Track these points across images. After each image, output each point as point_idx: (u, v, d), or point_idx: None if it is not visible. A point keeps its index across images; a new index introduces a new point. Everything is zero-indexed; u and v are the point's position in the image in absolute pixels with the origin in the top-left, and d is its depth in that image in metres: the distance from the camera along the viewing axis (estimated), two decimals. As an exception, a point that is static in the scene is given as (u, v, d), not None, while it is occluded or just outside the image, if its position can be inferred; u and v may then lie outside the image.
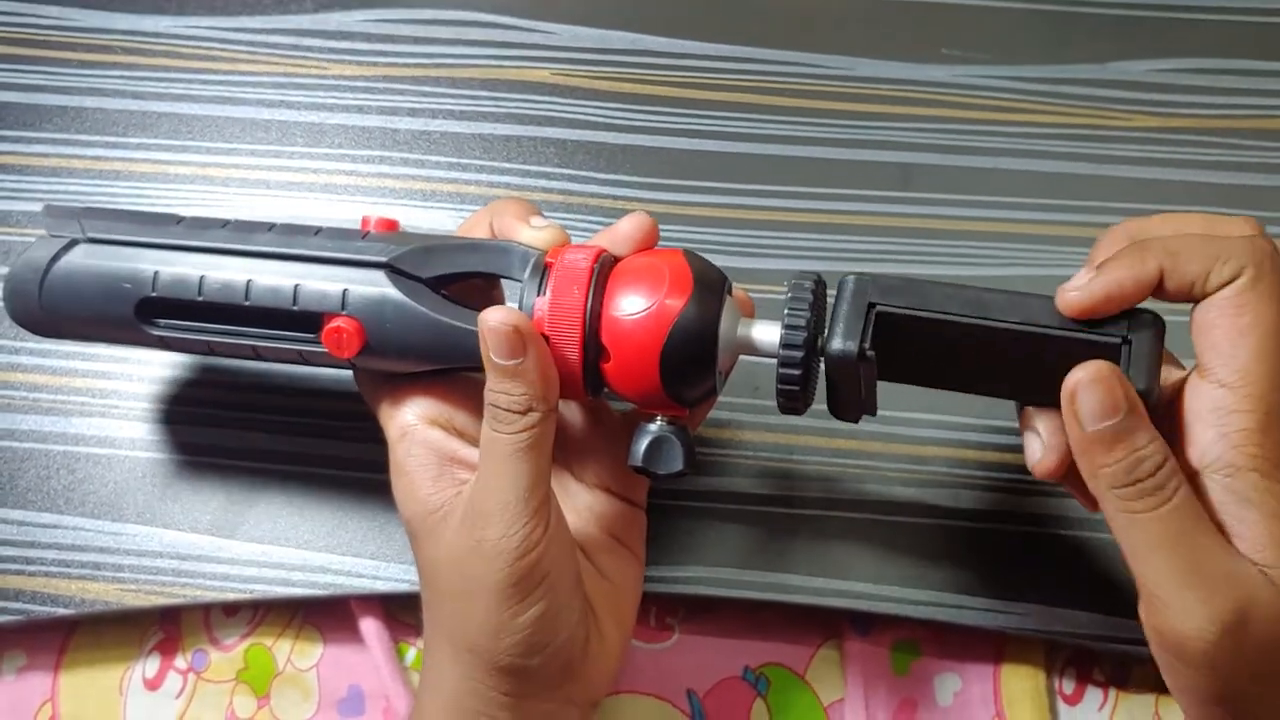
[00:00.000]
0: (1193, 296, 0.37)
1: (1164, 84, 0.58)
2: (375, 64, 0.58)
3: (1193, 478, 0.36)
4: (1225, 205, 0.56)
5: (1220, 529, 0.36)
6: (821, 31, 0.59)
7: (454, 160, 0.57)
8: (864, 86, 0.58)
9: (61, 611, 0.49)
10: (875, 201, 0.56)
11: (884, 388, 0.43)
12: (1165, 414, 0.38)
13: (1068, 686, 0.51)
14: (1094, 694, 0.51)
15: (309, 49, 0.58)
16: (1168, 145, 0.57)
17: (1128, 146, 0.57)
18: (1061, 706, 0.51)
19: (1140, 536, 0.36)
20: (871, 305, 0.39)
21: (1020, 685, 0.50)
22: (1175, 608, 0.35)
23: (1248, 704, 0.36)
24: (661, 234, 0.55)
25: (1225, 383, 0.36)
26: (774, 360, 0.40)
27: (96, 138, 0.57)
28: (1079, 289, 0.37)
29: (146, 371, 0.52)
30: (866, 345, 0.39)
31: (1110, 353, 0.37)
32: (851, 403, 0.41)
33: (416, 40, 0.59)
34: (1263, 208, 0.56)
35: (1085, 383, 0.35)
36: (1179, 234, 0.38)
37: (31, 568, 0.50)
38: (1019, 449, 0.47)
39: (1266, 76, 0.58)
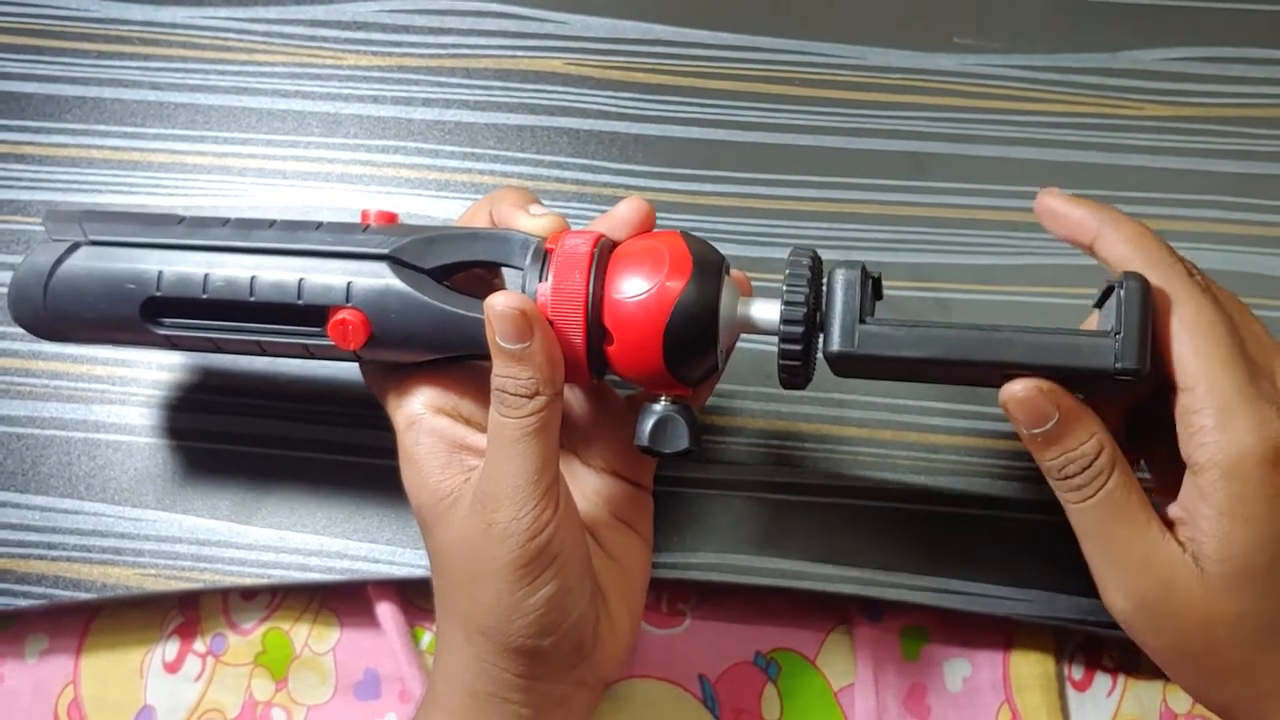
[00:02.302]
0: None
1: (1176, 73, 0.58)
2: (390, 54, 0.59)
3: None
4: (1237, 194, 0.56)
5: (1166, 520, 0.39)
6: (833, 21, 0.59)
7: (468, 150, 0.57)
8: (876, 75, 0.58)
9: (83, 596, 0.50)
10: (887, 191, 0.56)
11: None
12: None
13: (1077, 673, 0.51)
14: (1103, 680, 0.51)
15: (325, 39, 0.59)
16: (1179, 134, 0.57)
17: (1139, 135, 0.57)
18: (1070, 692, 0.51)
19: (1076, 521, 0.40)
20: (862, 320, 0.39)
21: (1029, 671, 0.51)
22: (1102, 585, 0.40)
23: (1187, 679, 0.40)
24: (673, 223, 0.55)
25: (1181, 385, 0.38)
26: (774, 336, 0.40)
27: (114, 128, 0.57)
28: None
29: (165, 359, 0.53)
30: (855, 346, 0.39)
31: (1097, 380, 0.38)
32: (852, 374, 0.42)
33: (431, 30, 0.59)
34: (1274, 196, 0.56)
35: (1014, 401, 0.38)
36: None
37: (54, 553, 0.51)
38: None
39: (1278, 65, 0.58)
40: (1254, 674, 0.38)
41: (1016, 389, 0.38)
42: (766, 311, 0.41)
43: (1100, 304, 0.41)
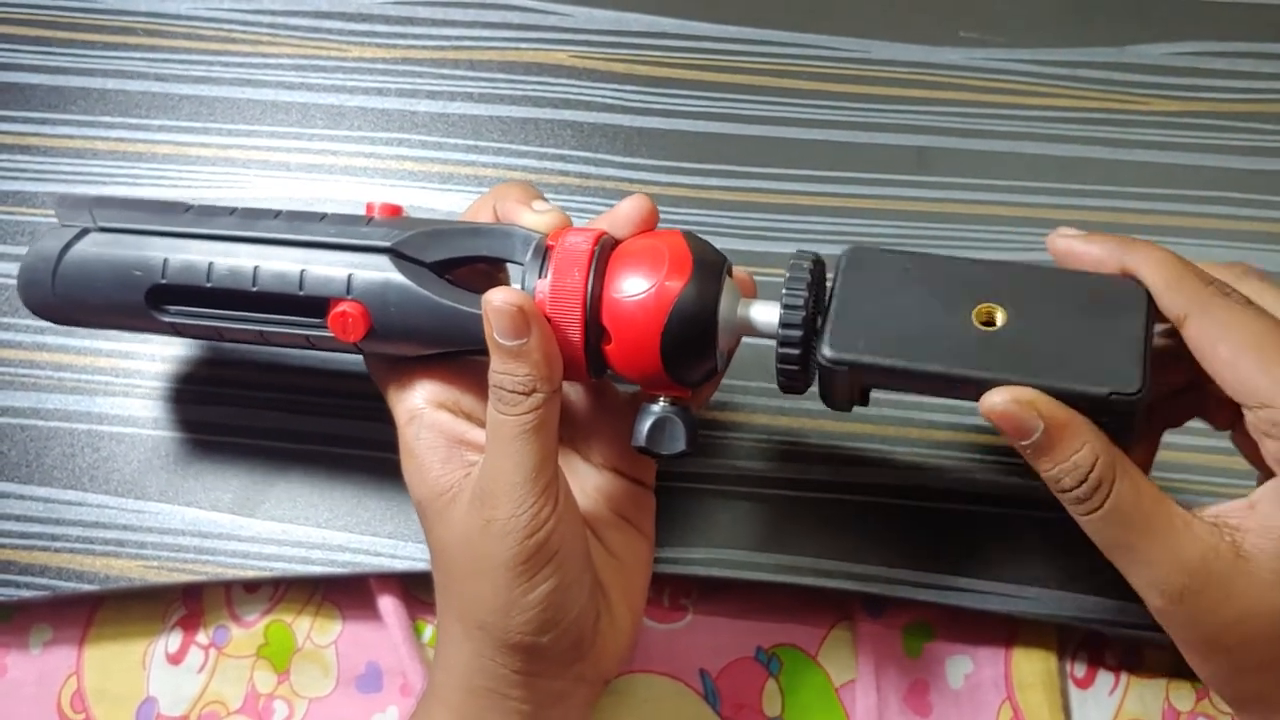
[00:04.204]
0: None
1: (1182, 67, 0.58)
2: (394, 46, 0.59)
3: None
4: (1245, 190, 0.55)
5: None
6: (838, 14, 0.59)
7: (472, 143, 0.57)
8: (880, 69, 0.58)
9: (86, 587, 0.50)
10: (891, 185, 0.56)
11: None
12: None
13: (1079, 670, 0.51)
14: (1105, 678, 0.51)
15: (329, 31, 0.59)
16: (1186, 129, 0.57)
17: (1146, 131, 0.57)
18: (1073, 690, 0.51)
19: (1089, 532, 0.38)
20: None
21: (1032, 669, 0.51)
22: (1133, 584, 0.38)
23: (1215, 670, 0.39)
24: (677, 217, 0.55)
25: (1252, 404, 0.37)
26: (773, 339, 0.40)
27: (119, 119, 0.57)
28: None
29: (169, 352, 0.53)
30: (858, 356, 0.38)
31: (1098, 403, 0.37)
32: (842, 397, 0.41)
33: (435, 23, 0.59)
34: (1283, 192, 0.55)
35: (993, 414, 0.37)
36: None
37: (57, 544, 0.51)
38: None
39: (1287, 60, 0.58)
40: None
41: (995, 400, 0.37)
42: (766, 314, 0.41)
43: None
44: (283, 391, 0.53)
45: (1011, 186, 0.56)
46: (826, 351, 0.38)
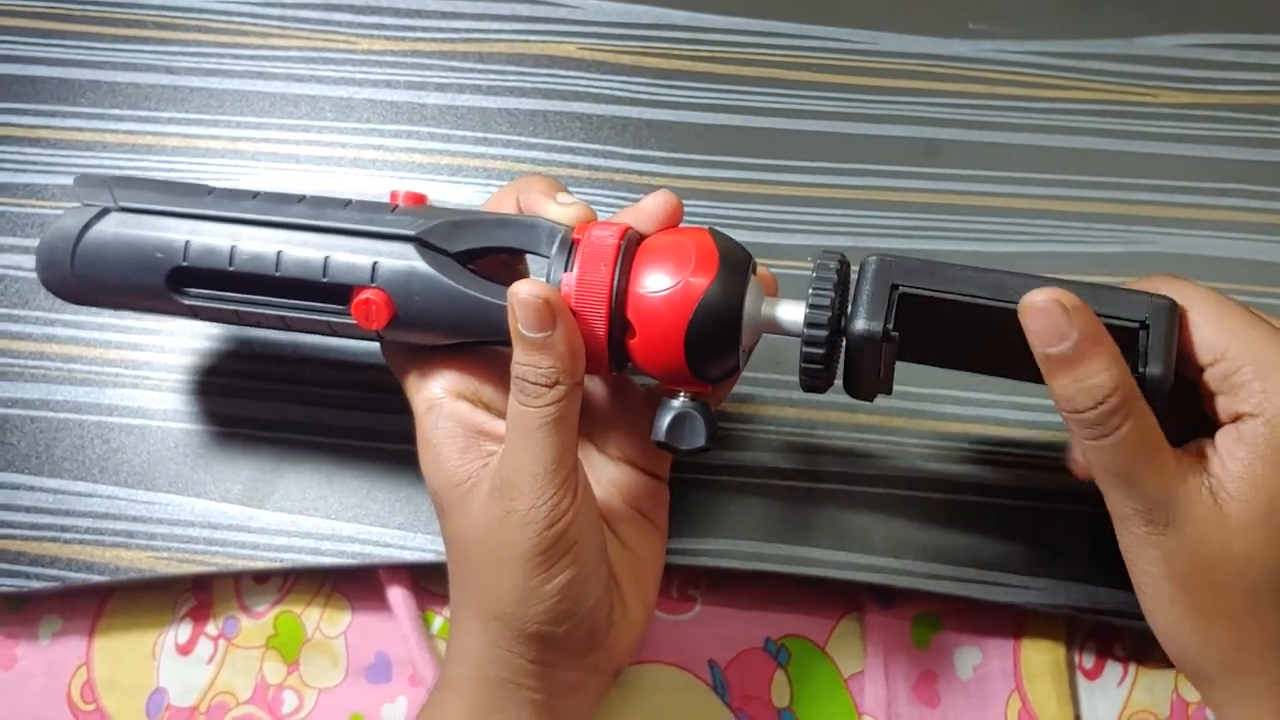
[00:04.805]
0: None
1: (1191, 59, 0.58)
2: (403, 39, 0.59)
3: None
4: (1253, 182, 0.55)
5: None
6: (847, 6, 0.59)
7: (481, 135, 0.57)
8: (889, 61, 0.58)
9: (96, 578, 0.50)
10: (900, 177, 0.56)
11: (909, 364, 0.43)
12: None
13: (1088, 661, 0.51)
14: (1114, 669, 0.51)
15: (338, 24, 0.59)
16: (1195, 121, 0.57)
17: (1155, 123, 0.57)
18: (1081, 681, 0.51)
19: (1090, 457, 0.38)
20: (895, 286, 0.39)
21: (1040, 659, 0.51)
22: (1119, 514, 0.39)
23: (1180, 617, 0.39)
24: (687, 209, 0.55)
25: (1208, 361, 0.39)
26: (797, 338, 0.40)
27: (129, 112, 0.57)
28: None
29: (178, 343, 0.53)
30: (890, 326, 0.39)
31: (1127, 337, 0.38)
32: (869, 382, 0.42)
33: (444, 15, 0.59)
34: (1291, 185, 0.55)
35: (1032, 310, 0.37)
36: None
37: (67, 535, 0.51)
38: (1041, 425, 0.48)
39: (1296, 52, 0.58)
40: (1245, 621, 0.38)
41: (1037, 297, 0.36)
42: (791, 313, 0.41)
43: None
44: (292, 383, 0.53)
45: (1020, 178, 0.56)
46: (861, 325, 0.39)
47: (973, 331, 0.40)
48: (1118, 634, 0.51)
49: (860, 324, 0.39)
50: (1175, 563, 0.38)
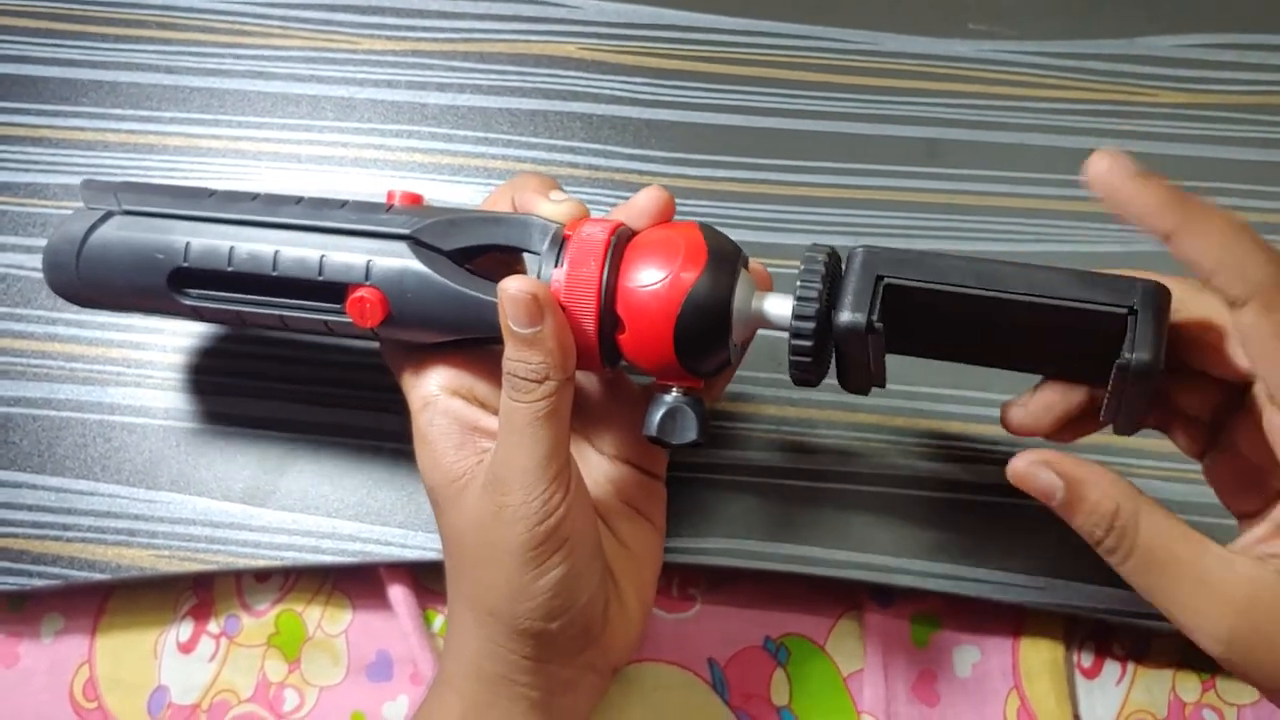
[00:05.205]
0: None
1: (1191, 59, 0.58)
2: (404, 39, 0.59)
3: None
4: (1253, 182, 0.55)
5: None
6: (847, 7, 0.59)
7: (481, 135, 0.57)
8: (889, 61, 0.58)
9: (98, 577, 0.51)
10: (900, 177, 0.56)
11: (907, 362, 0.43)
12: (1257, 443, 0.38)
13: (1086, 660, 0.51)
14: (1112, 668, 0.51)
15: (340, 24, 0.59)
16: (1195, 121, 0.57)
17: (1154, 123, 0.57)
18: (1079, 680, 0.51)
19: (1132, 584, 0.38)
20: (880, 278, 0.39)
21: (1039, 658, 0.51)
22: (1191, 634, 0.37)
23: None
24: (687, 209, 0.55)
25: None
26: (786, 332, 0.40)
27: (131, 111, 0.57)
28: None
29: (180, 342, 0.53)
30: (875, 317, 0.39)
31: (1116, 323, 0.37)
32: (860, 375, 0.42)
33: (445, 15, 0.59)
34: (1291, 184, 0.55)
35: (1018, 479, 0.38)
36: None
37: (69, 533, 0.51)
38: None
39: (1296, 52, 0.58)
40: None
41: (1018, 465, 0.38)
42: (779, 306, 0.41)
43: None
44: (294, 382, 0.53)
45: (1021, 178, 0.56)
46: (845, 316, 0.39)
47: (964, 323, 0.40)
48: (1116, 633, 0.51)
49: (845, 316, 0.39)
50: (1264, 668, 0.36)
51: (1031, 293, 0.38)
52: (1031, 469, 0.37)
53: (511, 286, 0.39)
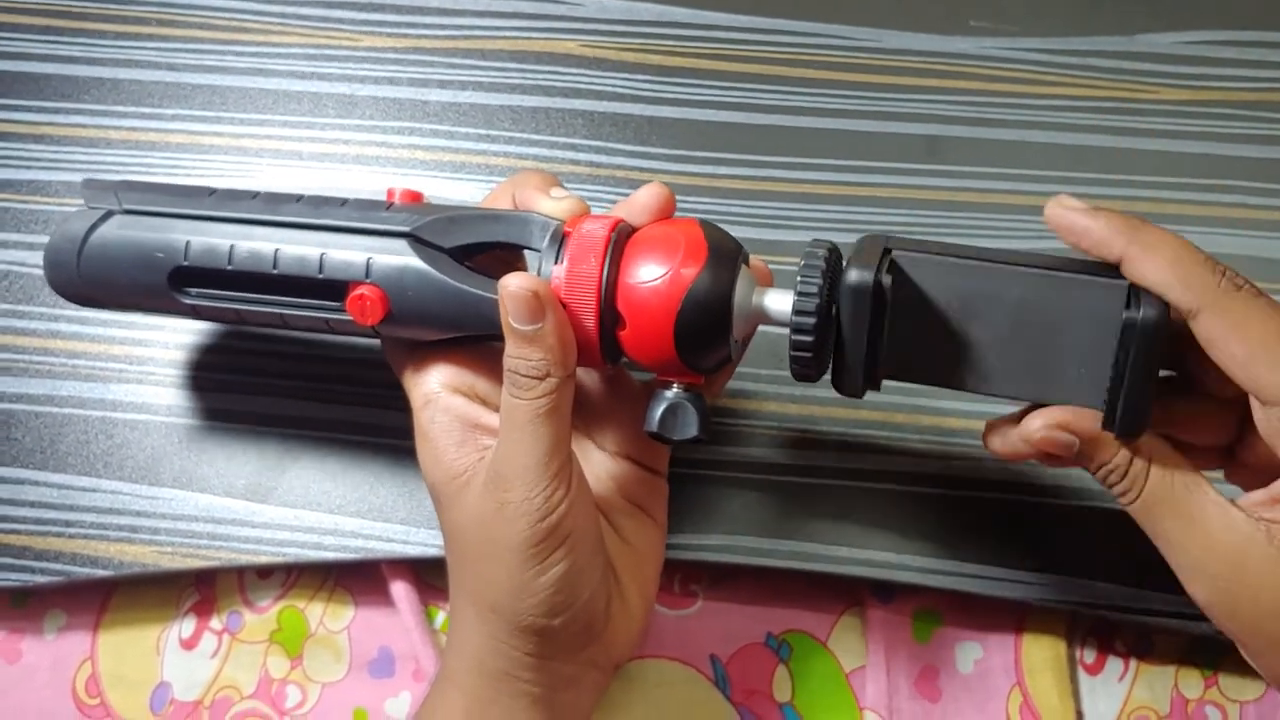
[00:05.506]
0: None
1: (1192, 56, 0.58)
2: (405, 36, 0.59)
3: None
4: (1254, 179, 0.55)
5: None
6: (850, 4, 0.59)
7: (483, 132, 0.57)
8: (891, 58, 0.58)
9: (100, 573, 0.51)
10: (902, 174, 0.56)
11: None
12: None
13: (1089, 656, 0.52)
14: (1115, 664, 0.51)
15: (340, 21, 0.59)
16: (1196, 118, 0.57)
17: (1155, 120, 0.57)
18: (1082, 676, 0.51)
19: (1137, 520, 0.39)
20: (888, 250, 0.40)
21: (1041, 655, 0.51)
22: (1180, 577, 0.39)
23: (1270, 665, 0.39)
24: (688, 206, 0.55)
25: (1270, 401, 0.37)
26: (786, 327, 0.40)
27: (132, 109, 0.57)
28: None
29: (182, 339, 0.53)
30: (881, 277, 0.39)
31: (1118, 295, 0.38)
32: (855, 367, 0.41)
33: (446, 12, 0.59)
34: (1292, 181, 0.56)
35: (1038, 437, 0.39)
36: None
37: (71, 530, 0.51)
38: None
39: (1297, 49, 0.58)
40: None
41: (1034, 425, 0.39)
42: (780, 302, 0.41)
43: None
44: (296, 379, 0.53)
45: (1022, 175, 0.56)
46: (852, 275, 0.39)
47: (956, 331, 0.40)
48: (1118, 630, 0.52)
49: (853, 275, 0.39)
50: (1241, 619, 0.38)
51: (1031, 264, 0.39)
52: (1048, 431, 0.39)
53: (512, 283, 0.39)
